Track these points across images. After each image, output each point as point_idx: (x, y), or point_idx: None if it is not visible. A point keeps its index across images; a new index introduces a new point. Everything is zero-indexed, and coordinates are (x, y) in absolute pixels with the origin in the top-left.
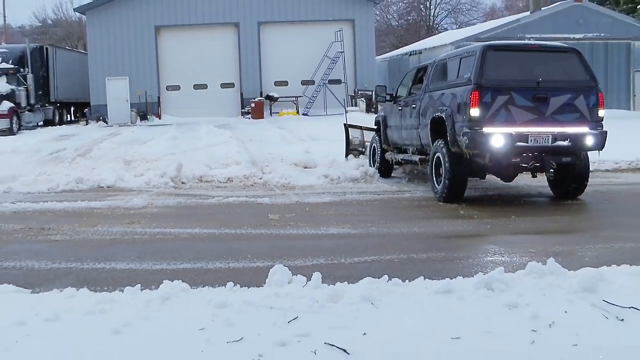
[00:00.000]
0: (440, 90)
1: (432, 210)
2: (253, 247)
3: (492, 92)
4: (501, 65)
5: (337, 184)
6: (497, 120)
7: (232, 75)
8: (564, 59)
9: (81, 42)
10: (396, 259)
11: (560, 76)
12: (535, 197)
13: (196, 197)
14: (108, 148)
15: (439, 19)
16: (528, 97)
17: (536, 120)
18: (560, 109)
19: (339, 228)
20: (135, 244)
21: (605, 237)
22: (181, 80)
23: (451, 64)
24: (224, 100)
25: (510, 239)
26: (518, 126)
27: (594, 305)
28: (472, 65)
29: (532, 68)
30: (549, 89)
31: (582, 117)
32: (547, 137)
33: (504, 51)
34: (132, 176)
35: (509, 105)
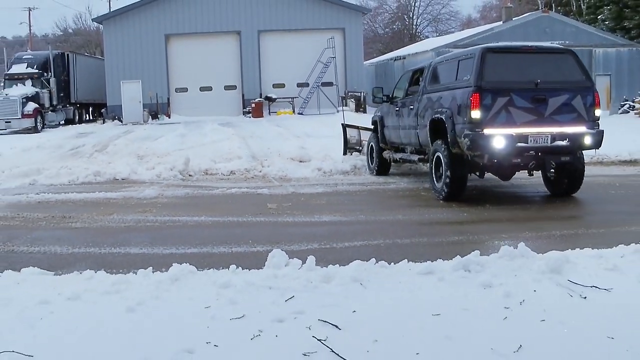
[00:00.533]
0: (439, 92)
1: (415, 200)
2: (253, 233)
3: (492, 94)
4: (500, 68)
5: (330, 177)
6: (497, 122)
7: (235, 78)
8: (561, 60)
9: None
10: (382, 243)
11: (558, 77)
12: (510, 188)
13: (202, 189)
14: (123, 144)
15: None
16: (527, 99)
17: (536, 120)
18: (559, 110)
19: (331, 216)
20: (147, 230)
21: (570, 224)
22: (188, 83)
23: (449, 66)
24: (227, 101)
25: (486, 225)
26: (518, 127)
27: (559, 284)
28: (471, 68)
29: (530, 70)
30: (548, 90)
31: (580, 116)
32: (546, 137)
33: (503, 53)
34: (144, 169)
35: (509, 107)
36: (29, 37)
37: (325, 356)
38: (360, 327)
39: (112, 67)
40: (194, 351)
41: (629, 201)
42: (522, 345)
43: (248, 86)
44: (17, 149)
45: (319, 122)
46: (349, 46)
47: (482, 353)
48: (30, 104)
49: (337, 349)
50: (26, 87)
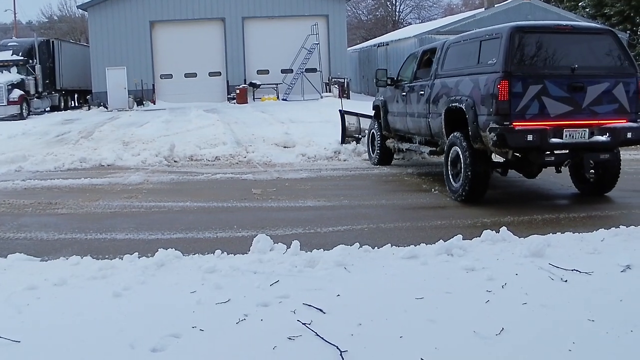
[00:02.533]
0: (456, 77)
1: (398, 185)
2: (238, 218)
3: (523, 81)
4: (532, 50)
5: (314, 162)
6: (529, 114)
7: (219, 65)
8: (600, 41)
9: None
10: (366, 228)
11: (597, 62)
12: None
13: (187, 174)
14: (108, 131)
15: (403, 14)
16: (563, 87)
17: (572, 112)
18: (598, 100)
19: (315, 201)
20: (133, 216)
21: (552, 208)
22: (173, 69)
23: (469, 48)
24: (212, 87)
25: (468, 210)
26: (553, 120)
27: (541, 268)
28: (498, 50)
29: (565, 53)
30: (586, 77)
31: (622, 108)
32: (584, 132)
33: (535, 33)
34: (129, 156)
35: (542, 96)
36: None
37: (310, 340)
38: (345, 310)
39: (97, 54)
40: (180, 335)
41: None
42: (504, 328)
43: (232, 72)
44: (2, 135)
45: (303, 108)
46: (333, 33)
47: (465, 336)
48: (15, 90)
49: (322, 333)
50: (11, 74)
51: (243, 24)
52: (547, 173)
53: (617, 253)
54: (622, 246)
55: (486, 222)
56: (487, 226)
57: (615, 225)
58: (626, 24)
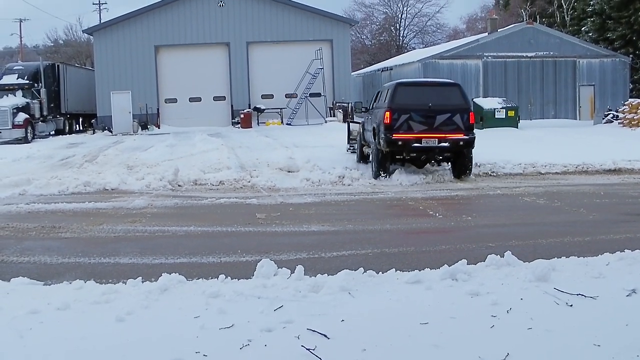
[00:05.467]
0: (378, 108)
1: (402, 210)
2: (242, 243)
3: (399, 112)
4: (406, 95)
5: (318, 187)
6: (402, 130)
7: (224, 89)
8: (449, 89)
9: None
10: (370, 253)
11: (445, 101)
12: (496, 197)
13: (191, 199)
14: (112, 154)
15: (407, 39)
16: (423, 115)
17: (427, 130)
18: (444, 123)
19: (320, 226)
20: (136, 240)
21: (556, 232)
22: (178, 93)
23: (384, 92)
24: (216, 112)
25: (473, 234)
26: (415, 134)
27: (546, 292)
28: (390, 95)
29: (427, 96)
30: (436, 110)
31: (459, 128)
32: (434, 141)
33: (409, 86)
34: (134, 180)
35: (410, 121)
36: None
37: None
38: (349, 336)
39: (102, 78)
40: None
41: (613, 210)
42: (509, 353)
43: (237, 97)
44: (7, 159)
45: (307, 133)
46: (337, 57)
47: None
48: (20, 114)
49: (326, 359)
50: (17, 98)
51: (248, 48)
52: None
53: (622, 277)
54: (628, 270)
55: (491, 246)
56: (492, 250)
57: (620, 249)
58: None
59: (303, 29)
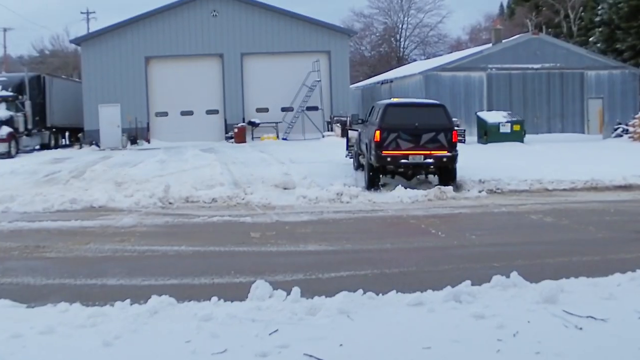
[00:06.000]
0: (370, 124)
1: (403, 228)
2: (236, 263)
3: (388, 131)
4: (395, 115)
5: (315, 204)
6: (390, 147)
7: (217, 103)
8: (434, 110)
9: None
10: (370, 273)
11: (430, 121)
12: (498, 214)
13: (183, 217)
14: (100, 170)
15: (408, 50)
16: (410, 134)
17: (414, 147)
18: (429, 141)
19: (317, 245)
20: (125, 260)
21: (564, 252)
22: (169, 107)
23: (377, 110)
24: (209, 126)
25: (477, 254)
26: (403, 151)
27: (554, 315)
28: (380, 114)
29: (414, 116)
30: (422, 129)
31: (443, 145)
32: (420, 157)
33: (398, 107)
34: (122, 197)
35: (398, 139)
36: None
37: None
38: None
39: (89, 90)
40: None
41: (624, 228)
42: None
43: (231, 110)
44: None
45: (303, 148)
46: (335, 69)
47: None
48: (3, 127)
49: None
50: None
51: (242, 60)
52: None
53: (634, 299)
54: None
55: (496, 266)
56: (497, 271)
57: (631, 269)
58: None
59: (300, 39)
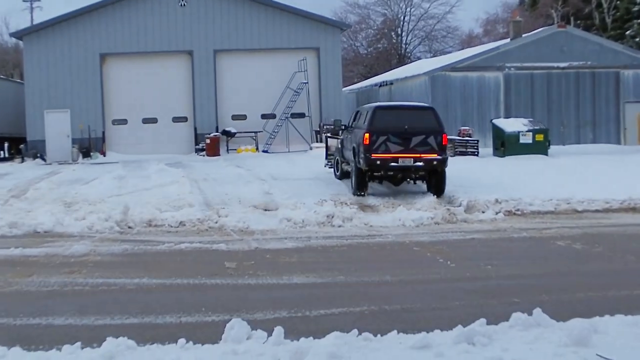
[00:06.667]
0: (357, 129)
1: (405, 256)
2: (208, 298)
3: (377, 134)
4: (384, 118)
5: (301, 228)
6: (380, 150)
7: (185, 109)
8: (424, 113)
9: (17, 71)
10: (367, 310)
11: (420, 124)
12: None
13: (144, 244)
14: (46, 188)
15: (411, 47)
16: (399, 137)
17: (403, 150)
18: (419, 144)
19: (304, 277)
20: (75, 296)
21: (597, 285)
22: (129, 113)
23: (364, 114)
24: (176, 136)
25: (492, 287)
26: (392, 154)
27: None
28: (368, 117)
29: (403, 119)
30: (412, 132)
31: (433, 148)
32: (410, 160)
33: (386, 109)
34: (72, 220)
35: (387, 142)
36: None
37: None
38: None
39: (33, 93)
40: None
41: None
42: None
43: (202, 118)
44: None
45: (288, 162)
46: (325, 69)
47: None
48: None
49: None
50: None
51: (215, 58)
52: (583, 240)
53: None
54: None
55: (516, 302)
56: (517, 307)
57: None
58: None
59: (283, 34)
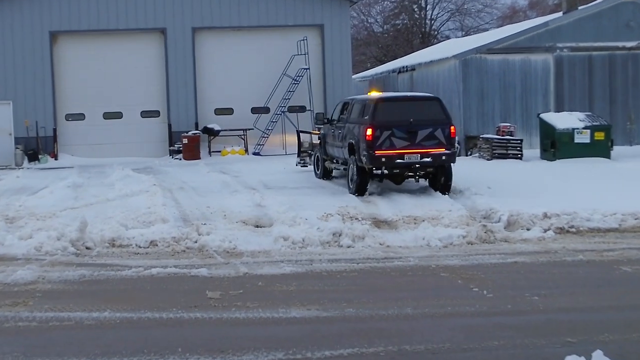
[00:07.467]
0: (353, 123)
1: (430, 283)
2: (185, 336)
3: (381, 128)
4: (387, 111)
5: (301, 249)
6: (384, 146)
7: (157, 101)
8: (429, 104)
9: None
10: (383, 351)
11: (426, 116)
12: (556, 265)
13: (106, 268)
14: None
15: (437, 23)
16: (404, 131)
17: (409, 145)
18: (425, 138)
19: (304, 310)
20: (19, 334)
21: None
22: (86, 106)
23: (360, 106)
24: (146, 135)
25: (540, 323)
26: (398, 150)
27: None
28: (370, 110)
29: (407, 111)
30: (418, 125)
31: (441, 142)
32: (416, 156)
33: (390, 101)
34: (15, 239)
35: (392, 137)
36: None
37: None
38: None
39: None
40: None
41: None
42: None
43: (178, 112)
44: None
45: (284, 167)
46: (330, 52)
47: None
48: None
49: None
50: None
51: (194, 38)
52: None
53: None
54: None
55: (570, 342)
56: (572, 349)
57: None
58: None
59: (279, 8)
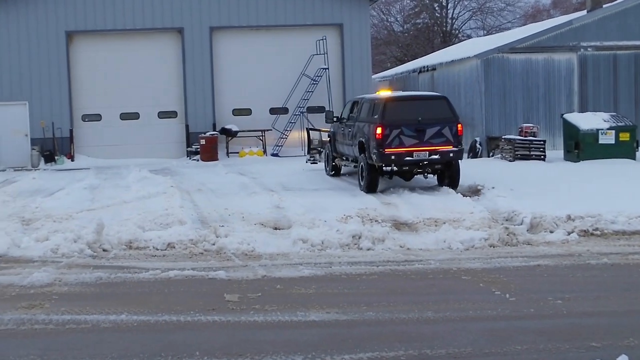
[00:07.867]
0: (363, 122)
1: (452, 285)
2: (203, 340)
3: (390, 127)
4: (396, 110)
5: (320, 251)
6: (393, 144)
7: (174, 101)
8: (437, 103)
9: None
10: (403, 356)
11: (434, 115)
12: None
13: (123, 271)
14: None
15: (459, 22)
16: (413, 129)
17: (418, 143)
18: (434, 136)
19: (323, 313)
20: (35, 337)
21: None
22: (103, 107)
23: (370, 105)
24: (163, 136)
25: (564, 327)
26: (406, 148)
27: None
28: (380, 110)
29: (416, 110)
30: (426, 123)
31: (448, 140)
32: (425, 154)
33: (398, 101)
34: (32, 241)
35: (401, 135)
36: None
37: None
38: None
39: None
40: None
41: None
42: None
43: (195, 113)
44: None
45: (303, 168)
46: (350, 52)
47: None
48: None
49: None
50: None
51: (211, 37)
52: None
53: None
54: None
55: (594, 346)
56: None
57: None
58: None
59: (297, 7)
